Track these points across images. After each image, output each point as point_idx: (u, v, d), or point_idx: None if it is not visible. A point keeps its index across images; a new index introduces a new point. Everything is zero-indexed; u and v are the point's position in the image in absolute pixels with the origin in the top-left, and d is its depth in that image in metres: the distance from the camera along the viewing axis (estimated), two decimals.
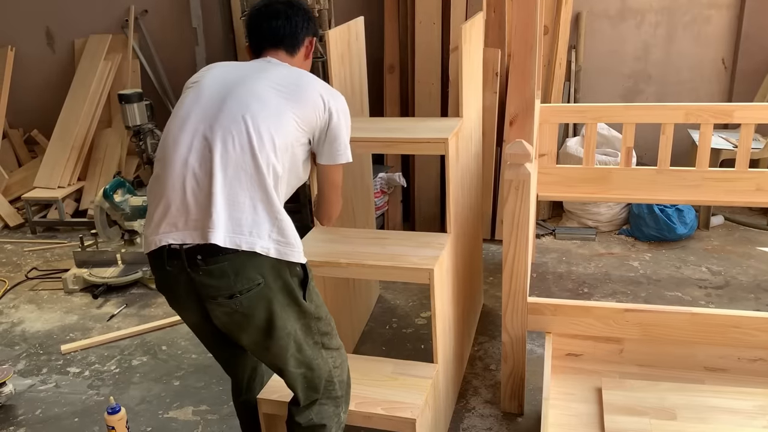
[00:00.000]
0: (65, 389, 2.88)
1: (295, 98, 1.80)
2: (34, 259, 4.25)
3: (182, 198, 1.72)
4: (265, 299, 1.73)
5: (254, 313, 1.73)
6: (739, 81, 4.27)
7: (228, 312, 1.73)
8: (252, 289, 1.71)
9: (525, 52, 2.22)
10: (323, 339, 1.89)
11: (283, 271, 1.75)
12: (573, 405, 2.27)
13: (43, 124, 5.20)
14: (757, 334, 2.23)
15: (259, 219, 1.71)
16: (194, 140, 1.74)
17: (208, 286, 1.71)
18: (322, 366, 1.90)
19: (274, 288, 1.74)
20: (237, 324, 1.76)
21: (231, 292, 1.70)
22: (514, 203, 2.26)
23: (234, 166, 1.70)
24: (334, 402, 1.95)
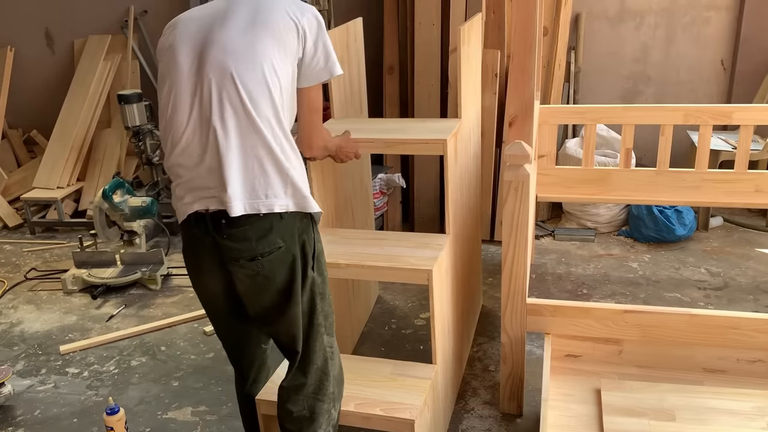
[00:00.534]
0: (64, 390, 2.88)
1: (268, 35, 1.72)
2: (33, 259, 4.25)
3: (198, 173, 1.75)
4: (286, 262, 1.77)
5: (275, 275, 1.77)
6: (738, 82, 4.28)
7: (250, 274, 1.76)
8: (273, 252, 1.75)
9: (524, 53, 2.22)
10: (325, 321, 1.90)
11: (300, 237, 1.79)
12: (572, 406, 2.27)
13: (43, 124, 5.20)
14: (756, 336, 2.23)
15: (270, 180, 1.73)
16: (191, 117, 1.74)
17: (231, 249, 1.74)
18: (319, 349, 1.90)
19: (295, 252, 1.78)
20: (259, 287, 1.79)
21: (253, 254, 1.74)
22: (514, 204, 2.26)
23: (235, 134, 1.71)
24: (327, 398, 1.94)
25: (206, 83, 1.71)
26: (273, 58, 1.72)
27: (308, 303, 1.85)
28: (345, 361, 2.38)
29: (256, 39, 1.72)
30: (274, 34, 1.73)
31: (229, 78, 1.70)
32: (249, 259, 1.75)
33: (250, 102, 1.70)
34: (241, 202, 1.70)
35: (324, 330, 1.91)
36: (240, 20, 1.75)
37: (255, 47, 1.71)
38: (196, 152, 1.74)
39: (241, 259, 1.75)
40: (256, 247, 1.73)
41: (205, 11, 1.84)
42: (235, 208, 1.69)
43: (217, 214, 1.73)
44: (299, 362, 1.90)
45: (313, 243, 1.84)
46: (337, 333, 2.78)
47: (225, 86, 1.70)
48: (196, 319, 3.35)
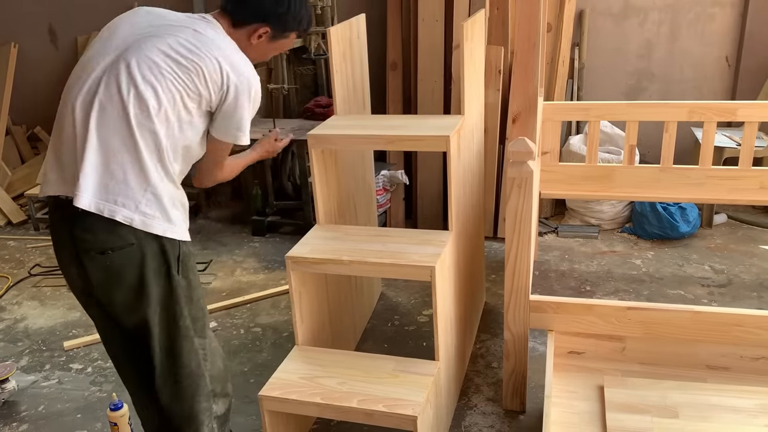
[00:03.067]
0: (68, 385, 2.89)
1: (187, 66, 1.73)
2: (37, 255, 4.26)
3: (62, 149, 1.76)
4: (136, 260, 1.73)
5: (124, 272, 1.73)
6: (742, 79, 4.26)
7: (100, 268, 1.73)
8: (124, 248, 1.72)
9: (528, 50, 2.22)
10: (195, 325, 1.88)
11: (159, 237, 1.76)
12: (575, 403, 2.27)
13: (46, 120, 5.21)
14: (760, 333, 2.22)
15: (129, 189, 1.71)
16: (83, 87, 1.76)
17: (82, 239, 1.72)
18: (190, 353, 1.88)
19: (148, 251, 1.74)
20: (109, 282, 1.75)
21: (103, 247, 1.71)
22: (517, 201, 2.26)
23: (110, 128, 1.70)
24: (205, 396, 1.94)
25: (113, 69, 1.73)
26: (178, 85, 1.73)
27: (172, 307, 1.81)
28: (347, 357, 2.39)
29: (174, 62, 1.73)
30: (191, 69, 1.74)
31: (131, 78, 1.71)
32: (99, 252, 1.71)
33: (135, 107, 1.69)
34: (89, 197, 1.68)
35: (193, 333, 1.88)
36: (181, 39, 1.76)
37: (169, 68, 1.73)
38: (72, 125, 1.74)
39: (91, 251, 1.72)
40: (105, 240, 1.70)
41: (168, 16, 1.86)
42: (81, 200, 1.68)
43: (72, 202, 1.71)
44: (169, 367, 1.87)
45: (177, 245, 1.80)
46: (340, 329, 2.80)
47: (123, 82, 1.71)
48: None
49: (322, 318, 2.60)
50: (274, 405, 2.14)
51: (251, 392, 2.70)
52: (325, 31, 3.37)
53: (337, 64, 2.66)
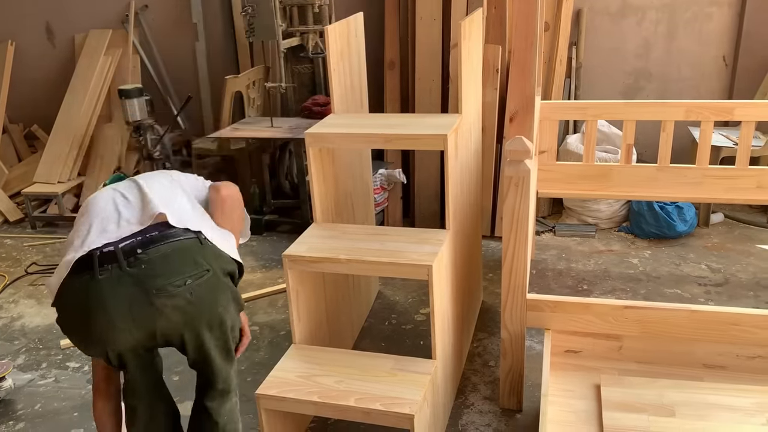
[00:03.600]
0: (65, 384, 2.89)
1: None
2: (34, 254, 4.25)
3: (111, 211, 1.84)
4: (216, 289, 1.73)
5: (204, 303, 1.71)
6: (739, 78, 4.27)
7: (179, 305, 1.67)
8: (202, 276, 1.69)
9: (525, 49, 2.22)
10: (232, 333, 1.92)
11: (225, 263, 1.81)
12: (572, 402, 2.28)
13: (43, 119, 5.20)
14: (756, 332, 2.23)
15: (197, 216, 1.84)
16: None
17: (154, 277, 1.65)
18: (233, 367, 1.95)
19: (222, 279, 1.76)
20: (189, 319, 1.70)
21: (182, 277, 1.66)
22: (514, 200, 2.26)
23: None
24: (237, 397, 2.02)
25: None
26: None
27: (234, 326, 1.91)
28: (345, 356, 2.40)
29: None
30: None
31: None
32: (177, 285, 1.67)
33: None
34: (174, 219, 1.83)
35: (233, 341, 1.94)
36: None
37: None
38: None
39: (168, 285, 1.66)
40: (182, 268, 1.70)
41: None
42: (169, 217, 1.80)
43: (130, 248, 1.72)
44: (229, 385, 1.95)
45: (234, 270, 1.90)
46: (337, 328, 2.81)
47: None
48: None
49: (320, 316, 2.60)
50: (272, 403, 2.14)
51: (248, 391, 2.69)
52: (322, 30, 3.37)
53: (335, 63, 2.66)
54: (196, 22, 4.91)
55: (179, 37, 5.01)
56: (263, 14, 3.91)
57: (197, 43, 4.98)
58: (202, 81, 5.12)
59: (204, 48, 5.01)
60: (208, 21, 4.92)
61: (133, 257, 1.66)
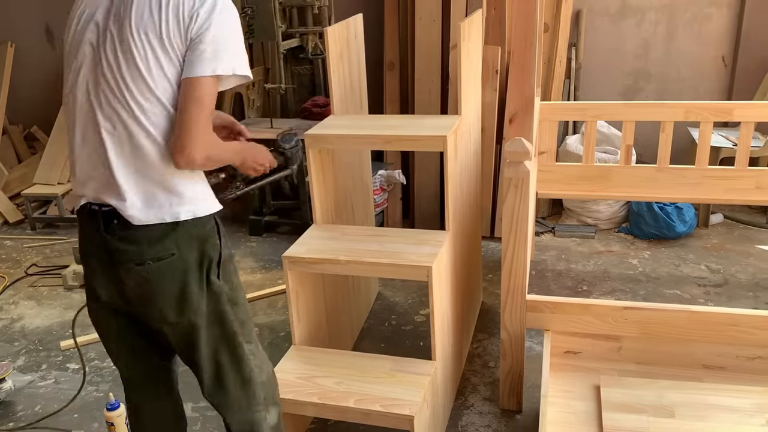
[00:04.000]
0: (64, 385, 2.89)
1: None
2: (34, 255, 4.25)
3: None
4: (179, 271, 1.65)
5: (164, 284, 1.66)
6: (739, 79, 4.27)
7: (138, 281, 1.65)
8: (164, 259, 1.64)
9: (525, 50, 2.22)
10: (241, 329, 1.79)
11: (200, 245, 1.67)
12: (571, 402, 2.28)
13: (43, 120, 5.21)
14: (756, 332, 2.23)
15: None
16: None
17: (120, 251, 1.63)
18: (241, 361, 1.80)
19: (189, 260, 1.66)
20: (147, 295, 1.67)
21: (142, 258, 1.63)
22: (514, 201, 2.26)
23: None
24: (260, 405, 1.86)
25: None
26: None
27: (215, 312, 1.73)
28: (344, 357, 2.40)
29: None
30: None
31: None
32: (137, 264, 1.63)
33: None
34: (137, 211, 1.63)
35: (243, 338, 1.80)
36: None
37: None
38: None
39: (129, 262, 1.63)
40: (146, 251, 1.63)
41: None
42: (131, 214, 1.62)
43: (109, 213, 1.63)
44: (221, 375, 1.80)
45: (219, 247, 1.72)
46: (337, 329, 2.80)
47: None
48: None
49: (319, 318, 2.60)
50: None
51: None
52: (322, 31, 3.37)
53: (335, 64, 2.66)
54: None
55: None
56: (263, 15, 3.91)
57: None
58: None
59: None
60: None
61: (109, 223, 1.66)
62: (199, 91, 1.56)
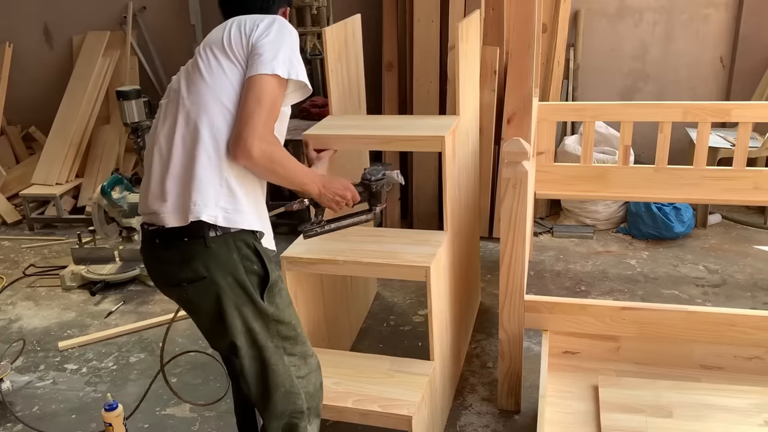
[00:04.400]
0: (63, 386, 2.88)
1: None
2: (32, 255, 4.25)
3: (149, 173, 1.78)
4: (212, 293, 1.69)
5: (201, 305, 1.72)
6: (737, 80, 4.28)
7: (178, 299, 1.76)
8: (197, 281, 1.68)
9: (523, 50, 2.22)
10: (284, 343, 1.82)
11: (234, 267, 1.69)
12: (570, 402, 2.28)
13: (41, 120, 5.20)
14: (754, 333, 2.23)
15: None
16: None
17: (160, 272, 1.74)
18: (282, 371, 1.81)
19: (224, 285, 1.69)
20: (189, 311, 1.78)
21: (177, 280, 1.70)
22: (512, 201, 2.26)
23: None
24: (302, 415, 1.86)
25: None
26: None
27: (261, 331, 1.76)
28: (343, 357, 2.40)
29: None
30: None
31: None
32: (174, 285, 1.72)
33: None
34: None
35: (284, 351, 1.82)
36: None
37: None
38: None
39: (166, 281, 1.74)
40: (179, 272, 1.69)
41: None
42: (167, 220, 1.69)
43: (153, 233, 1.72)
44: (263, 388, 1.82)
45: (259, 272, 1.74)
46: (336, 329, 2.80)
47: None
48: None
49: (318, 318, 2.60)
50: None
51: None
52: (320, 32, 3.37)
53: (333, 65, 2.66)
54: (194, 24, 4.91)
55: (177, 38, 5.01)
56: None
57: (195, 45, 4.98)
58: None
59: None
60: (206, 22, 4.92)
61: (153, 242, 1.78)
62: (258, 88, 1.66)
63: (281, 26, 1.76)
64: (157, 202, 1.70)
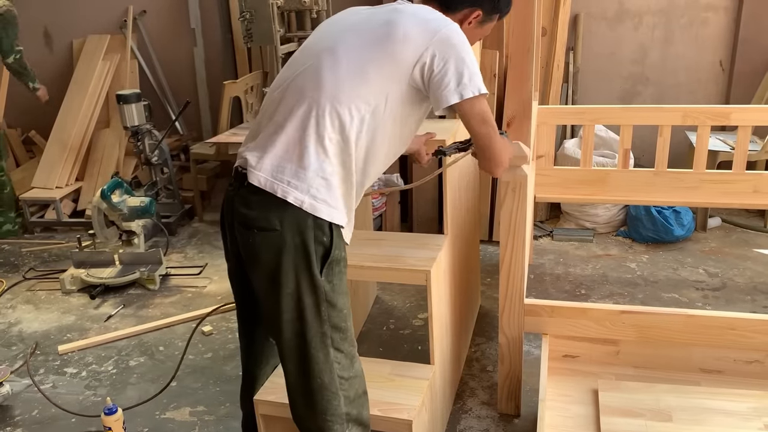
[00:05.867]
0: (62, 390, 2.88)
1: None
2: (32, 259, 4.25)
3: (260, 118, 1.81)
4: (276, 247, 1.69)
5: (262, 255, 1.71)
6: (736, 83, 4.28)
7: (243, 243, 1.75)
8: (266, 231, 1.69)
9: (522, 54, 2.22)
10: (333, 333, 1.74)
11: (306, 231, 1.69)
12: (569, 406, 2.28)
13: (41, 124, 5.20)
14: (753, 336, 2.23)
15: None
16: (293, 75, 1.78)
17: (238, 212, 1.75)
18: (322, 360, 1.74)
19: (290, 243, 1.69)
20: (249, 259, 1.76)
21: (251, 225, 1.71)
22: (512, 205, 2.26)
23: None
24: (338, 418, 1.78)
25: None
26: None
27: (310, 306, 1.71)
28: None
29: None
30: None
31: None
32: (245, 227, 1.73)
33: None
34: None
35: (331, 342, 1.74)
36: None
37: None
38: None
39: (238, 223, 1.75)
40: (254, 218, 1.71)
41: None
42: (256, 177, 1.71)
43: (244, 176, 1.74)
44: (298, 373, 1.78)
45: (328, 245, 1.72)
46: None
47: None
48: (195, 320, 3.35)
49: None
50: (270, 409, 2.14)
51: None
52: None
53: None
54: (194, 28, 4.93)
55: (177, 42, 5.02)
56: (261, 19, 3.92)
57: (195, 49, 4.99)
58: (200, 86, 5.13)
59: (202, 53, 5.02)
60: (206, 26, 4.93)
61: (241, 184, 1.80)
62: None
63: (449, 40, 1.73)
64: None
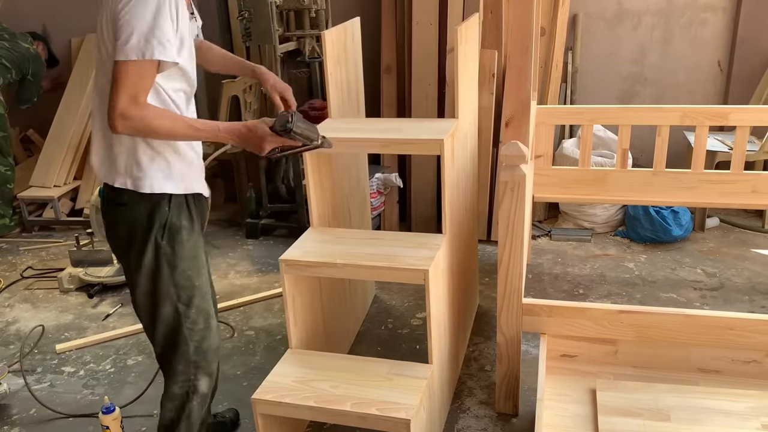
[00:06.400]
0: (60, 389, 2.88)
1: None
2: (30, 258, 4.24)
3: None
4: (127, 218, 1.91)
5: (117, 226, 1.95)
6: (734, 83, 4.28)
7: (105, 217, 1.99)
8: (119, 204, 1.91)
9: (521, 54, 2.22)
10: (179, 291, 1.97)
11: (150, 204, 1.90)
12: (567, 406, 2.28)
13: (39, 123, 5.19)
14: (751, 336, 2.23)
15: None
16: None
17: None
18: (168, 313, 1.98)
19: (137, 215, 1.90)
20: (109, 237, 2.01)
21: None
22: (510, 204, 2.26)
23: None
24: (185, 363, 2.02)
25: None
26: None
27: (152, 267, 1.93)
28: (341, 360, 2.39)
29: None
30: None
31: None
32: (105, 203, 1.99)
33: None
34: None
35: (176, 299, 1.97)
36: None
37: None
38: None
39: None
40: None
41: None
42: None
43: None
44: (148, 318, 2.02)
45: (164, 214, 1.91)
46: (334, 332, 2.80)
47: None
48: None
49: (316, 321, 2.60)
50: (267, 408, 2.14)
51: (245, 395, 2.69)
52: (319, 34, 3.38)
53: (332, 68, 2.66)
54: None
55: None
56: (260, 19, 3.91)
57: None
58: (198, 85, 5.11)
59: None
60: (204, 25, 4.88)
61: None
62: (116, 74, 1.90)
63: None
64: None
